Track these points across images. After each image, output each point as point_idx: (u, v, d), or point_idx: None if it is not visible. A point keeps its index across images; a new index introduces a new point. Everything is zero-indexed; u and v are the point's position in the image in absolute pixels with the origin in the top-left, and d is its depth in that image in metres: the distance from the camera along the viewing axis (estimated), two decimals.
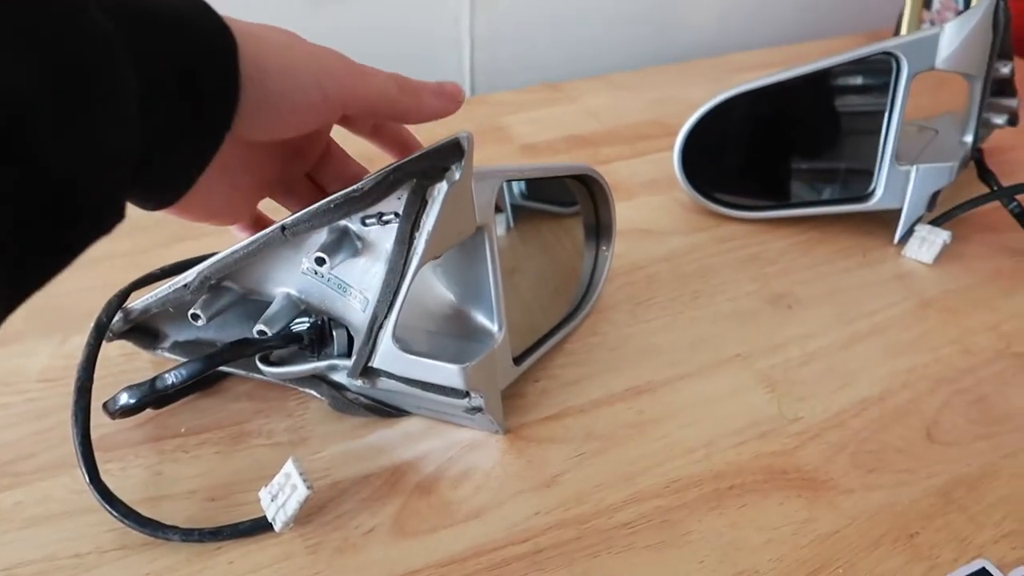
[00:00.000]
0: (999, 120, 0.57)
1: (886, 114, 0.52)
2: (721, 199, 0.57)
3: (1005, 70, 0.53)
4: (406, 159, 0.33)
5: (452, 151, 0.34)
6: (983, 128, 0.57)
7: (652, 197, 0.60)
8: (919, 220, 0.54)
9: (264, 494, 0.35)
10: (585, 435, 0.40)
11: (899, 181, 0.53)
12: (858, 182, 0.55)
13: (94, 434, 0.37)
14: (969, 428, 0.41)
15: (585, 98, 0.76)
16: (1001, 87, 0.59)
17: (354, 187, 0.33)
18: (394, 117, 0.35)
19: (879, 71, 0.52)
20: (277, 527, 0.34)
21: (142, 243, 0.54)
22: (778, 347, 0.46)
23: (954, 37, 0.49)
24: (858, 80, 0.53)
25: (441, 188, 0.34)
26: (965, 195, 0.55)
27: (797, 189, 0.57)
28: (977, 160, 0.56)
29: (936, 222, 0.54)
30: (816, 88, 0.55)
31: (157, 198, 0.30)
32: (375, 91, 0.33)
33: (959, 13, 0.82)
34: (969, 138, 0.54)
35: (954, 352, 0.46)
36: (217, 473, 0.38)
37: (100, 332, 0.39)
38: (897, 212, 0.54)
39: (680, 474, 0.38)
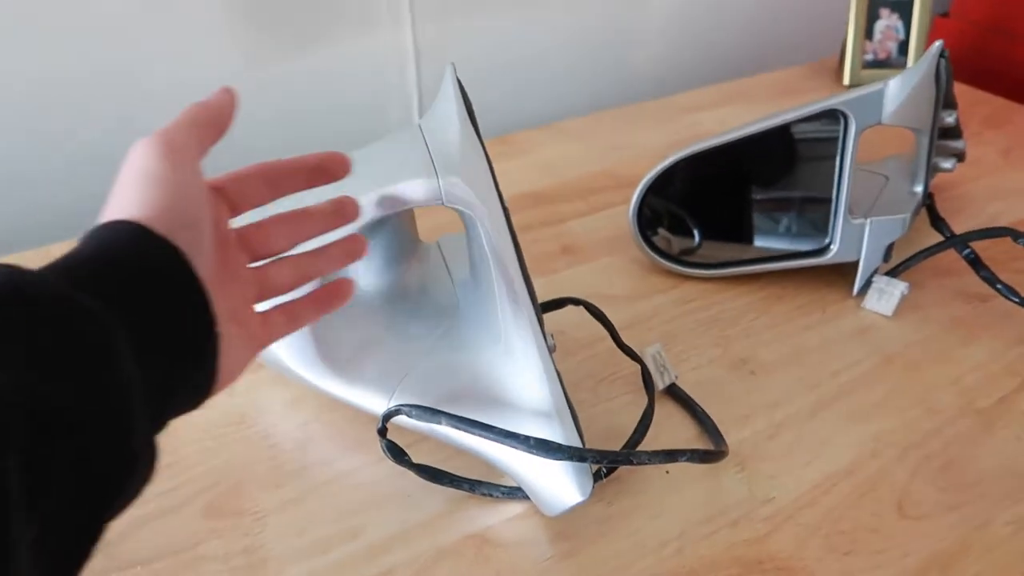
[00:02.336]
0: (947, 164, 0.57)
1: (836, 169, 0.52)
2: (678, 258, 0.57)
3: (950, 119, 0.53)
4: None
5: None
6: (932, 173, 0.57)
7: (611, 258, 0.60)
8: (876, 271, 0.54)
9: None
10: (554, 535, 0.39)
11: (854, 234, 0.53)
12: (814, 236, 0.54)
13: None
14: (939, 498, 0.41)
15: (537, 150, 0.76)
16: (946, 132, 0.59)
17: None
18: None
19: (829, 124, 0.52)
20: None
21: None
22: (745, 418, 0.45)
23: (898, 93, 0.49)
24: (809, 134, 0.53)
25: None
26: (919, 242, 0.55)
27: (754, 245, 0.57)
28: (929, 207, 0.56)
29: (893, 272, 0.54)
30: (767, 144, 0.55)
31: (198, 401, 0.28)
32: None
33: (900, 42, 0.84)
34: (919, 188, 0.54)
35: (919, 413, 0.46)
36: None
37: None
38: (854, 264, 0.54)
39: (654, 572, 0.37)
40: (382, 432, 0.39)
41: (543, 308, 0.47)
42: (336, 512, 0.41)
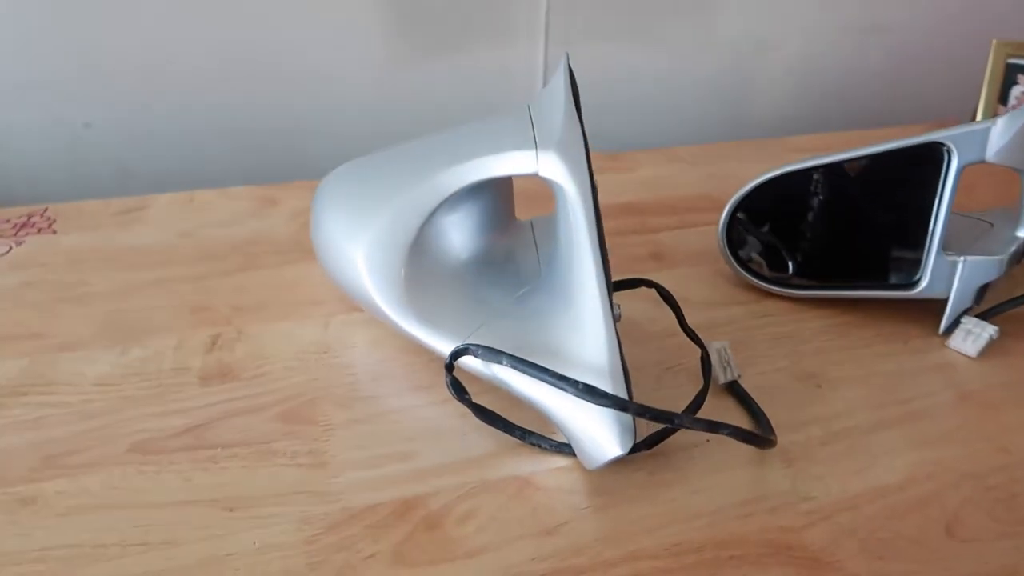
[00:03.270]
0: None
1: (935, 204, 0.52)
2: (762, 275, 0.58)
3: None
4: None
5: None
6: None
7: (696, 268, 0.61)
8: (966, 312, 0.53)
9: None
10: (593, 489, 0.41)
11: (946, 272, 0.52)
12: (904, 269, 0.54)
13: (137, 438, 0.41)
14: (992, 526, 0.40)
15: (642, 168, 0.78)
16: None
17: None
18: None
19: (931, 160, 0.52)
20: None
21: (212, 270, 0.58)
22: (802, 424, 0.46)
23: (1005, 131, 0.49)
24: (909, 168, 0.53)
25: None
26: (1016, 290, 0.54)
27: (841, 271, 0.57)
28: None
29: (984, 316, 0.53)
30: (865, 172, 0.55)
31: None
32: None
33: None
34: (1022, 233, 0.53)
35: (988, 449, 0.45)
36: (239, 486, 0.40)
37: None
38: (943, 302, 0.53)
39: (681, 538, 0.38)
40: (449, 367, 0.43)
41: (618, 286, 0.49)
42: (395, 436, 0.44)
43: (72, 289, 0.56)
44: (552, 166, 0.44)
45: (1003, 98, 0.84)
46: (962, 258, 0.52)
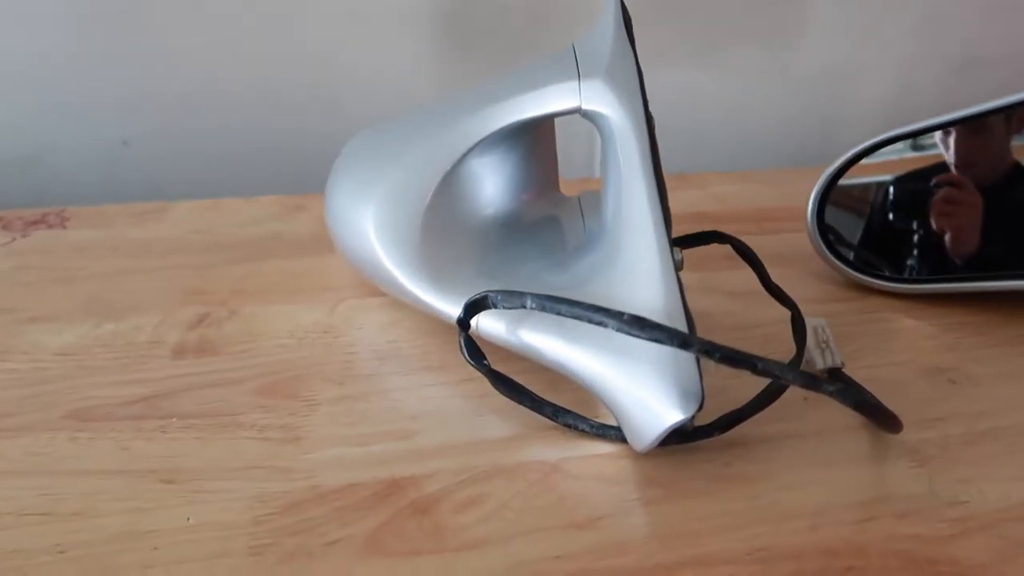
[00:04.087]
0: None
1: None
2: (867, 268, 0.47)
3: None
4: None
5: None
6: None
7: (779, 269, 0.50)
8: None
9: None
10: (647, 480, 0.30)
11: None
12: None
13: (80, 405, 0.33)
14: None
15: (713, 187, 0.69)
16: None
17: None
18: None
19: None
20: None
21: (220, 259, 0.52)
22: (935, 421, 0.34)
23: None
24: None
25: None
26: None
27: (973, 260, 0.46)
28: None
29: None
30: (1002, 129, 0.45)
31: None
32: None
33: None
34: None
35: None
36: (186, 458, 0.31)
37: None
38: None
39: (769, 542, 0.27)
40: (463, 323, 0.33)
41: (682, 241, 0.40)
42: (394, 414, 0.34)
43: (65, 272, 0.50)
44: (598, 96, 0.36)
45: None
46: None
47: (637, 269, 0.32)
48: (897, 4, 0.83)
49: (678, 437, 0.31)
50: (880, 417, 0.29)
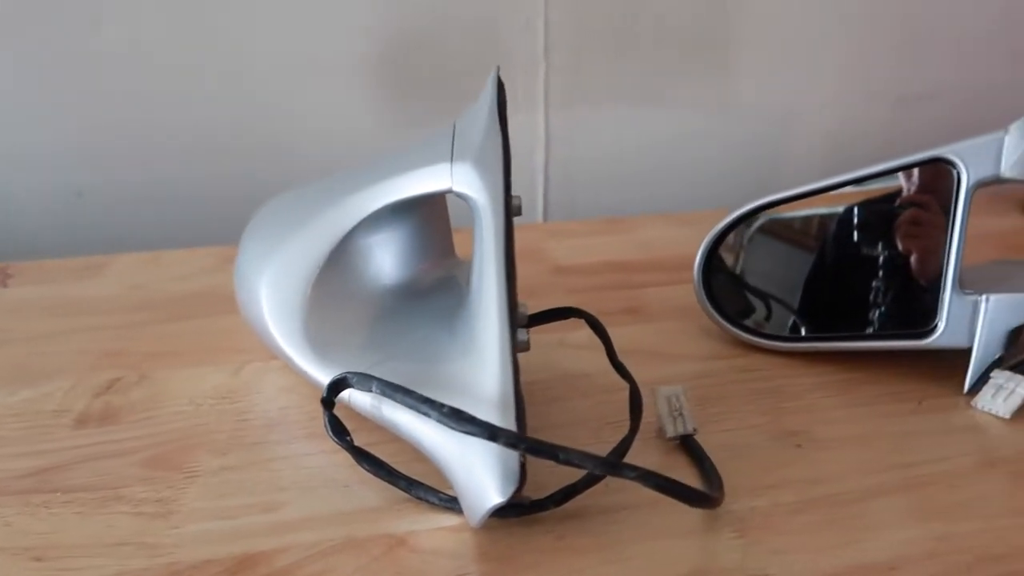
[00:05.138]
0: None
1: (947, 231, 0.43)
2: (748, 326, 0.49)
3: None
4: None
5: None
6: None
7: (677, 323, 0.53)
8: (997, 364, 0.43)
9: None
10: (482, 554, 0.32)
11: (967, 314, 0.43)
12: (918, 315, 0.45)
13: None
14: None
15: (641, 231, 0.72)
16: None
17: None
18: None
19: (940, 182, 0.44)
20: None
21: (147, 319, 0.54)
22: (770, 488, 0.36)
23: (1020, 140, 0.41)
24: (916, 193, 0.45)
25: None
26: None
27: (842, 320, 0.48)
28: None
29: (1019, 368, 0.43)
30: (867, 201, 0.48)
31: None
32: None
33: None
34: None
35: (1015, 526, 0.34)
36: (63, 534, 0.34)
37: None
38: (967, 354, 0.43)
39: None
40: (326, 403, 0.36)
41: (543, 317, 0.42)
42: (266, 486, 0.37)
43: None
44: (466, 180, 0.39)
45: None
46: (984, 297, 0.42)
47: (484, 351, 0.34)
48: (831, 44, 0.86)
49: (516, 510, 0.33)
50: (688, 496, 0.32)
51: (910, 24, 0.87)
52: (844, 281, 0.48)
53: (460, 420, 0.29)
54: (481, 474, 0.31)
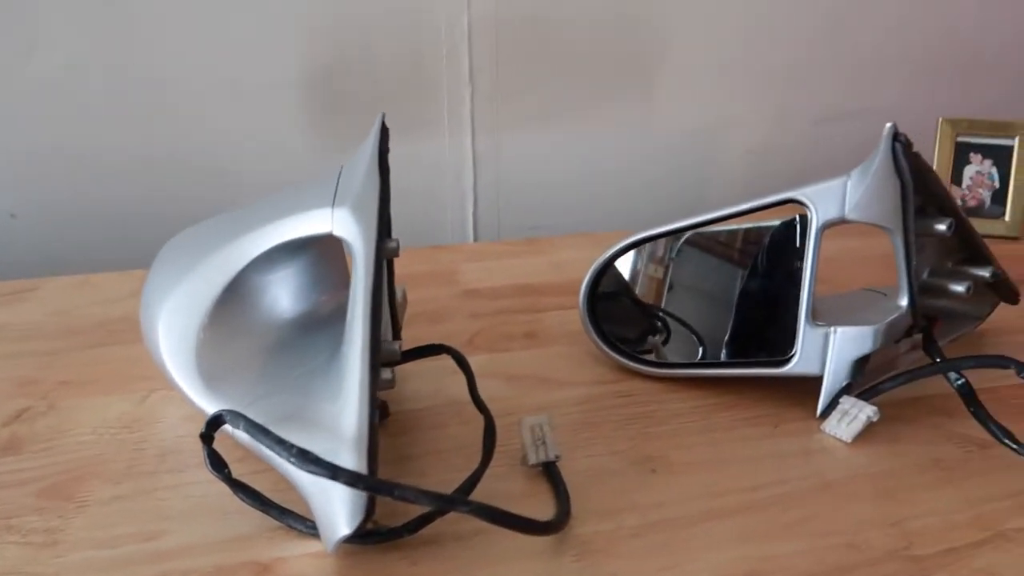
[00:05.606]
0: (959, 288, 0.49)
1: (802, 268, 0.47)
2: (628, 353, 0.52)
3: (941, 227, 0.46)
4: None
5: None
6: (940, 295, 0.50)
7: (569, 348, 0.56)
8: (846, 391, 0.46)
9: None
10: None
11: (818, 344, 0.46)
12: (777, 344, 0.48)
13: None
14: None
15: (558, 252, 0.75)
16: (974, 254, 0.52)
17: None
18: None
19: (794, 221, 0.48)
20: None
21: (67, 345, 0.57)
22: (618, 512, 0.39)
23: (858, 185, 0.44)
24: (772, 230, 0.49)
25: None
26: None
27: (711, 348, 0.51)
28: (924, 329, 0.48)
29: (866, 395, 0.46)
30: (730, 236, 0.51)
31: None
32: None
33: (994, 190, 0.76)
34: (904, 301, 0.47)
35: (836, 546, 0.37)
36: None
37: None
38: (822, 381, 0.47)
39: None
40: (205, 438, 0.39)
41: (414, 353, 0.45)
42: (151, 515, 0.39)
43: None
44: (344, 224, 0.41)
45: (957, 178, 0.78)
46: (833, 329, 0.46)
47: (347, 392, 0.37)
48: (751, 66, 0.89)
49: (374, 537, 0.36)
50: (522, 526, 0.35)
51: (827, 47, 0.90)
52: (712, 310, 0.51)
53: (306, 461, 0.32)
54: (332, 506, 0.34)
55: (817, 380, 0.47)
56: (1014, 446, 0.41)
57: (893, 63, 0.92)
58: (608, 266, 0.52)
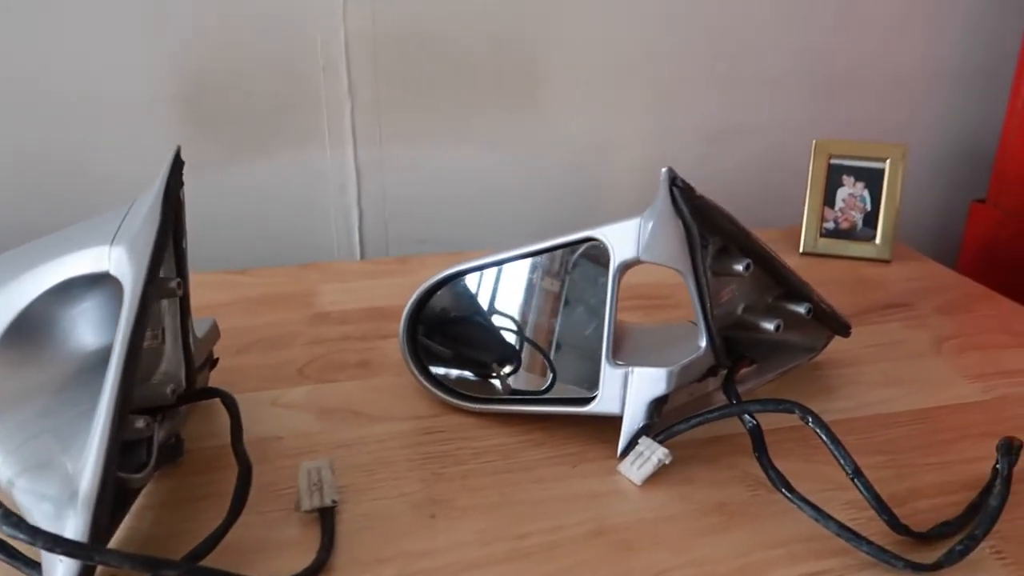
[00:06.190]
0: (768, 325, 0.49)
1: (604, 307, 0.46)
2: (446, 386, 0.52)
3: (738, 267, 0.46)
4: None
5: None
6: (749, 331, 0.50)
7: (395, 378, 0.55)
8: (645, 432, 0.46)
9: None
10: None
11: (619, 384, 0.46)
12: (589, 383, 0.48)
13: None
14: None
15: (425, 271, 0.74)
16: (791, 291, 0.52)
17: None
18: None
19: (598, 259, 0.47)
20: None
21: None
22: (376, 563, 0.39)
23: (646, 227, 0.44)
24: (576, 268, 0.48)
25: None
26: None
27: (524, 384, 0.51)
28: (730, 368, 0.48)
29: (663, 437, 0.46)
30: (535, 272, 0.50)
31: None
32: None
33: (866, 213, 0.76)
34: (703, 342, 0.47)
35: None
36: None
37: None
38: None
39: None
40: None
41: (189, 397, 0.44)
42: None
43: None
44: (118, 264, 0.41)
45: (830, 200, 0.78)
46: (631, 369, 0.45)
47: (91, 439, 0.36)
48: (640, 81, 0.88)
49: None
50: None
51: (718, 62, 0.90)
52: (525, 346, 0.50)
53: (8, 523, 0.31)
54: (56, 568, 0.33)
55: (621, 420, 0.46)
56: (787, 494, 0.41)
57: (769, 81, 0.92)
58: (425, 300, 0.52)
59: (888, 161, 0.76)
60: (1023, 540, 0.41)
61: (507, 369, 0.51)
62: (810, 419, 0.42)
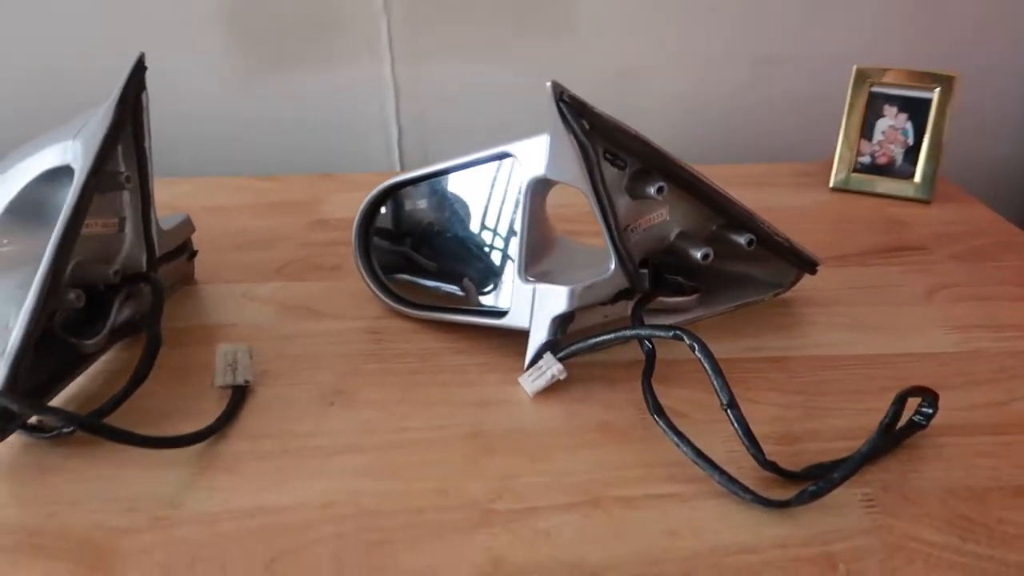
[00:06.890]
0: (696, 253, 0.47)
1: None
2: (392, 292, 0.55)
3: (650, 190, 0.44)
4: None
5: None
6: (680, 258, 0.48)
7: (359, 283, 0.59)
8: (551, 348, 0.47)
9: None
10: None
11: (527, 300, 0.47)
12: (503, 295, 0.49)
13: None
14: (328, 570, 0.35)
15: None
16: (734, 220, 0.49)
17: None
18: None
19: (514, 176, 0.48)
20: None
21: None
22: (261, 437, 0.43)
23: (548, 145, 0.44)
24: (498, 183, 0.49)
25: None
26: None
27: (452, 294, 0.52)
28: (644, 295, 0.47)
29: (567, 356, 0.47)
30: (467, 188, 0.51)
31: None
32: None
33: (908, 147, 0.70)
34: (612, 264, 0.46)
35: (425, 489, 0.39)
36: None
37: None
38: None
39: None
40: None
41: (129, 280, 0.49)
42: None
43: None
44: (75, 156, 0.46)
45: (868, 132, 0.72)
46: (534, 286, 0.46)
47: (26, 303, 0.42)
48: (677, 4, 0.84)
49: (39, 433, 0.42)
50: (134, 440, 0.39)
51: None
52: (452, 257, 0.52)
53: None
54: None
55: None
56: (656, 417, 0.41)
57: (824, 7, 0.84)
58: (374, 209, 0.54)
59: (937, 91, 0.69)
60: (906, 494, 0.39)
61: (447, 279, 0.53)
62: (696, 347, 0.41)
